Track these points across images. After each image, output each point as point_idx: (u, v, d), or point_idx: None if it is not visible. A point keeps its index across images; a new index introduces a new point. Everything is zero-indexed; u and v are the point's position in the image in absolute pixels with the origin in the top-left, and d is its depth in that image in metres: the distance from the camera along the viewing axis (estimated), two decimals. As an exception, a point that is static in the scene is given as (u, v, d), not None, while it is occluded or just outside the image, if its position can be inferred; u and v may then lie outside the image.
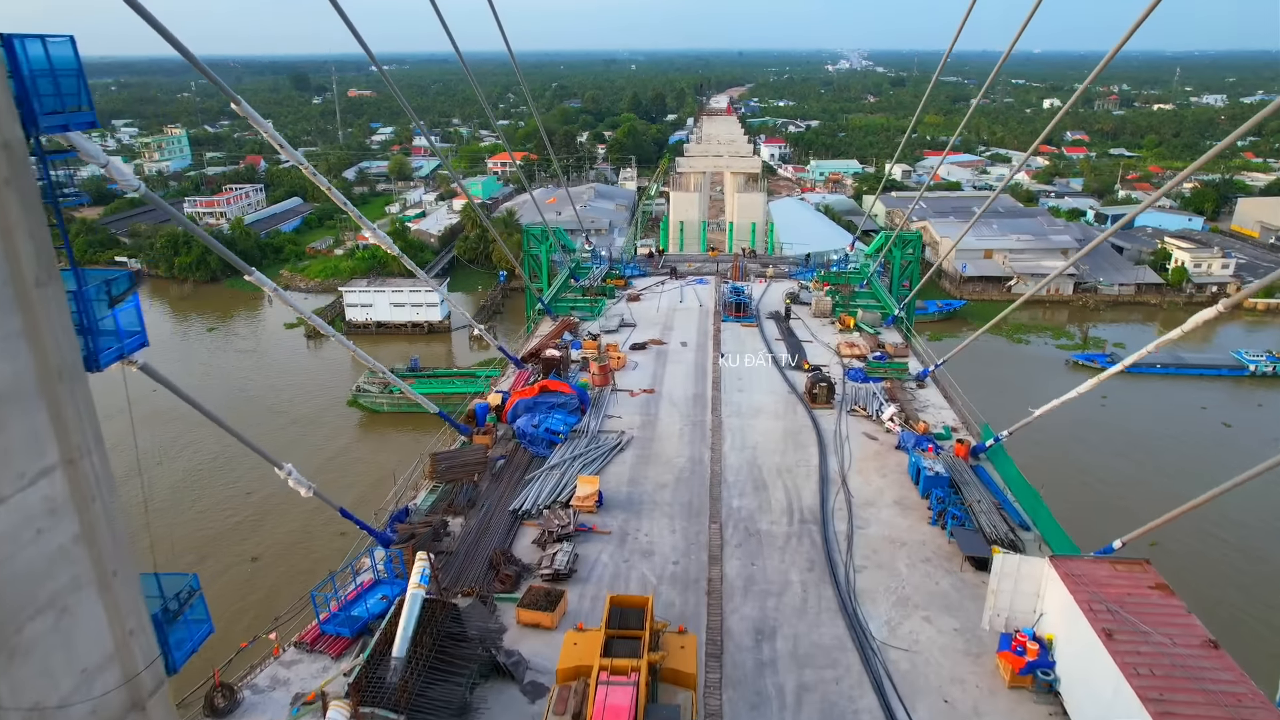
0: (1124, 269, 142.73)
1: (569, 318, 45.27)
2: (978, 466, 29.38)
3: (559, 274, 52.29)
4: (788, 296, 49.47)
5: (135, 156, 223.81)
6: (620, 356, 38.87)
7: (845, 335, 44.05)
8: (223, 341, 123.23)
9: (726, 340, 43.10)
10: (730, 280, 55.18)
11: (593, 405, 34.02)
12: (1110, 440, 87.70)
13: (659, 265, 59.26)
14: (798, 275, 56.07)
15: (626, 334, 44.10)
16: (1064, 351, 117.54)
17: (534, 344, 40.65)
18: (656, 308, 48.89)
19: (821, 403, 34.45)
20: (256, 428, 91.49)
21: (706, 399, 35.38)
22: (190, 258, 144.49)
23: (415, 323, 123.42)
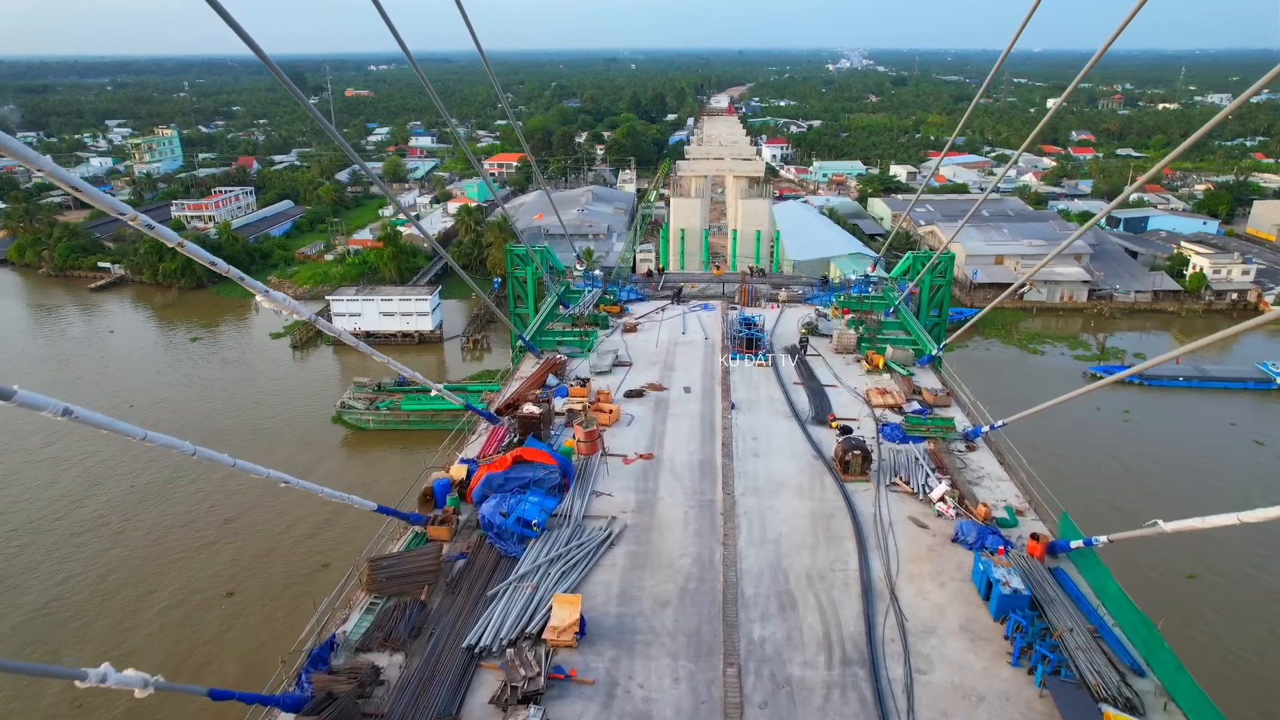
0: (1140, 275, 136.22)
1: (554, 357, 38.71)
2: (1057, 570, 23.00)
3: (546, 299, 45.85)
4: (804, 327, 42.97)
5: (126, 158, 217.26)
6: (612, 409, 32.35)
7: (874, 378, 37.48)
8: (207, 351, 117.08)
9: (737, 383, 36.55)
10: (738, 305, 48.72)
11: (577, 478, 27.56)
12: (1139, 460, 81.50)
13: (659, 286, 52.75)
14: (814, 300, 49.49)
15: (621, 375, 37.60)
16: (1081, 363, 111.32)
17: (512, 392, 34.14)
18: (656, 341, 42.36)
19: (855, 474, 28.02)
20: (232, 444, 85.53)
21: (715, 468, 28.87)
22: (175, 264, 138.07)
23: (405, 332, 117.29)
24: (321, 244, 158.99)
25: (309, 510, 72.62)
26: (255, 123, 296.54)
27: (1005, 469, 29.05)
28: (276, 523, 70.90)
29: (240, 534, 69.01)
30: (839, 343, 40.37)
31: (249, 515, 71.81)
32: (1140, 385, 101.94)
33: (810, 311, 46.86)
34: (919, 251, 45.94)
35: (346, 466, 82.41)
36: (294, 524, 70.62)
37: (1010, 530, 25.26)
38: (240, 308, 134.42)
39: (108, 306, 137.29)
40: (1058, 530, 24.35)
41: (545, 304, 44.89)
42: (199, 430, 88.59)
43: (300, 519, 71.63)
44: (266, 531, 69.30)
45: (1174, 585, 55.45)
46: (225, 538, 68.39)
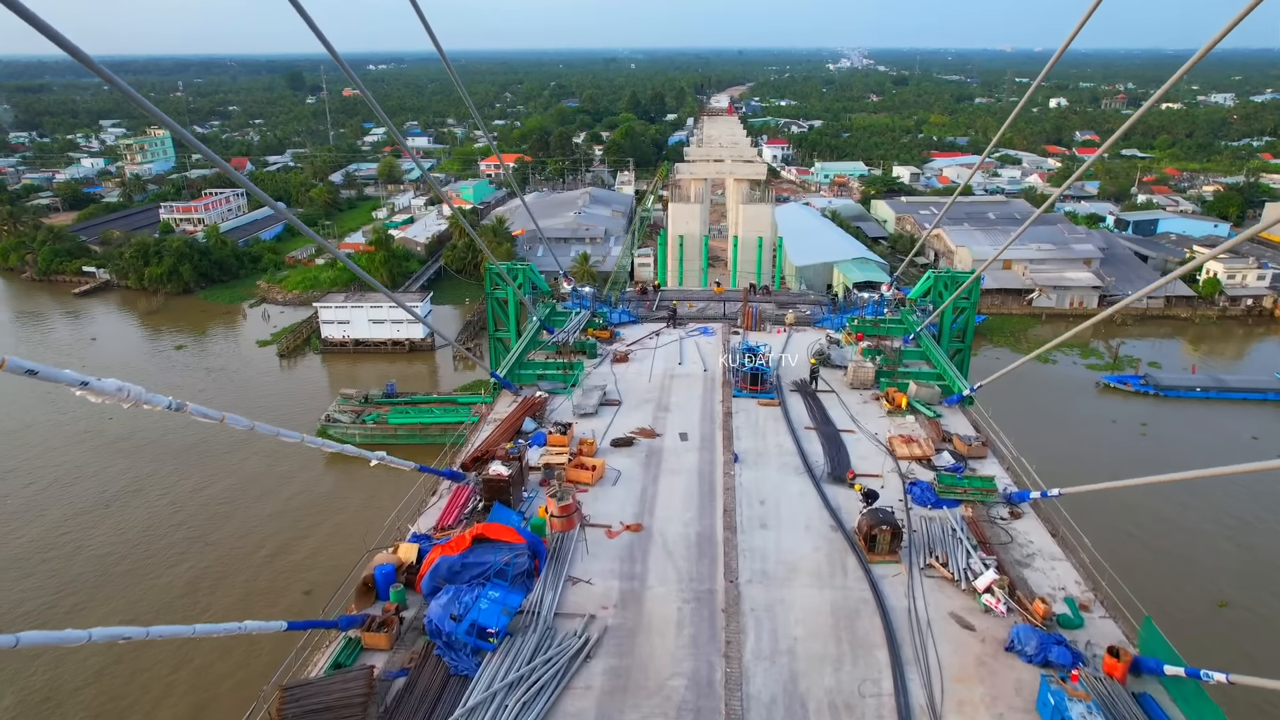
0: (1152, 280, 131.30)
1: (533, 396, 33.83)
2: (1144, 697, 18.18)
3: (527, 324, 40.98)
4: (814, 356, 38.10)
5: (118, 158, 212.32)
6: (596, 465, 27.49)
7: (895, 419, 32.59)
8: (191, 360, 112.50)
9: (740, 428, 31.65)
10: (740, 328, 43.83)
11: (550, 560, 22.74)
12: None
13: (654, 306, 47.85)
14: (824, 323, 44.54)
15: (610, 416, 32.72)
16: (1094, 372, 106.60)
17: (482, 441, 29.29)
18: (649, 373, 37.42)
19: (883, 553, 23.22)
20: (210, 458, 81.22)
21: (716, 543, 23.98)
22: (161, 268, 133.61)
23: (396, 340, 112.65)
24: (313, 248, 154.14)
25: (279, 526, 68.33)
26: (251, 123, 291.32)
27: (1059, 543, 24.20)
28: (246, 541, 66.59)
29: (208, 551, 64.75)
30: (854, 377, 35.46)
31: (218, 532, 67.63)
32: (1155, 396, 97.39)
33: (820, 337, 41.96)
34: (941, 270, 41.18)
35: (322, 482, 77.70)
36: (264, 541, 66.30)
37: (1075, 632, 20.45)
38: (228, 314, 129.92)
39: (92, 312, 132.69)
40: (1139, 640, 19.51)
41: (526, 331, 39.99)
42: (178, 444, 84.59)
43: (271, 535, 67.32)
44: (236, 550, 65.04)
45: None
46: (189, 556, 64.03)
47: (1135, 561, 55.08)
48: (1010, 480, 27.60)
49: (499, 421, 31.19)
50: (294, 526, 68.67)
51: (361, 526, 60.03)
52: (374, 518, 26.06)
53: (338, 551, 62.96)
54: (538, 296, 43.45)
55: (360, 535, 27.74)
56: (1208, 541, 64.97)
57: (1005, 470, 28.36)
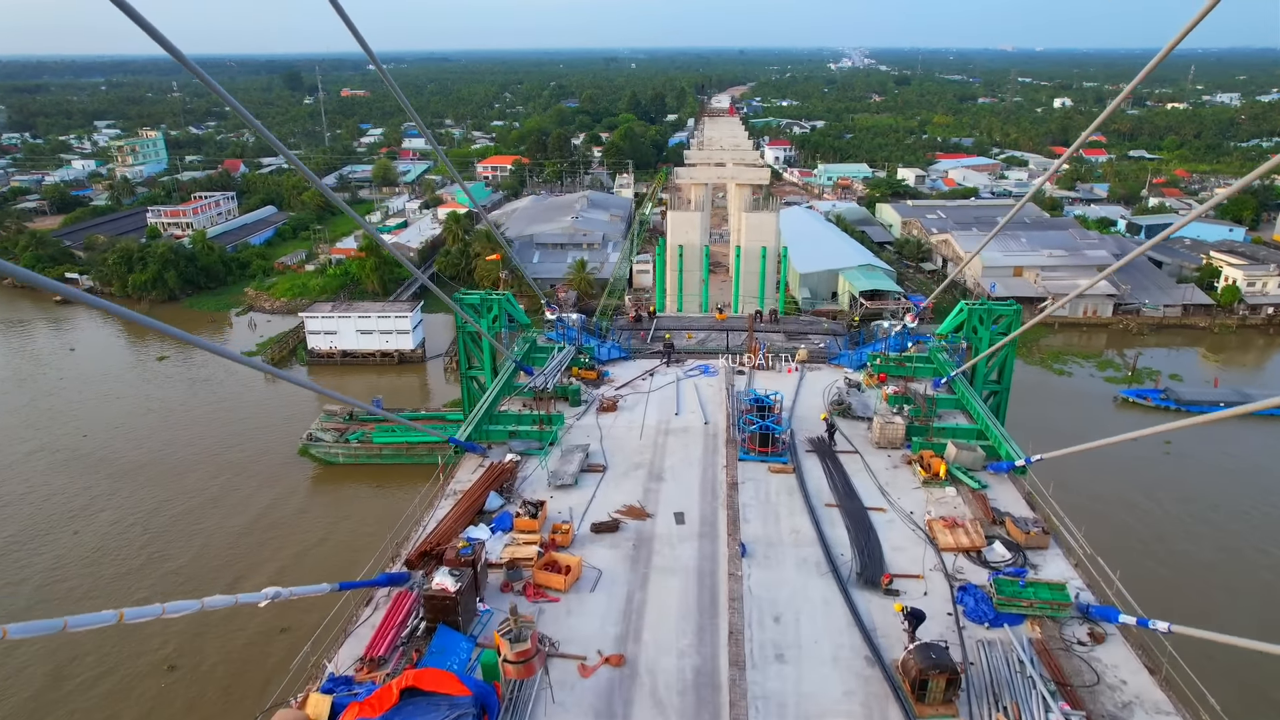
0: (1168, 287, 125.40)
1: (504, 461, 28.16)
2: None
3: (503, 365, 35.28)
4: (831, 405, 32.48)
5: (109, 160, 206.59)
6: (570, 564, 21.88)
7: (933, 491, 26.96)
8: (174, 371, 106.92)
9: (749, 504, 25.98)
10: (746, 365, 38.15)
11: (504, 717, 17.17)
12: (1184, 501, 71.14)
13: (648, 337, 42.15)
14: (840, 360, 38.76)
15: (591, 487, 27.09)
16: (1111, 385, 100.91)
17: (434, 527, 23.66)
18: (641, 425, 31.75)
19: (935, 703, 17.68)
20: (188, 480, 76.08)
21: (720, 685, 18.43)
22: (146, 275, 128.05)
23: (385, 352, 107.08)
24: (303, 253, 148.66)
25: (260, 559, 63.08)
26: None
27: (1162, 686, 18.54)
28: (222, 574, 61.28)
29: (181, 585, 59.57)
30: (880, 434, 29.78)
31: (192, 564, 62.35)
32: (1177, 411, 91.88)
33: (838, 378, 36.27)
34: (975, 302, 35.51)
35: (310, 506, 72.28)
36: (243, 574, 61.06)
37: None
38: (214, 322, 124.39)
39: (74, 321, 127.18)
40: None
41: (499, 374, 34.33)
42: (156, 463, 79.47)
43: (252, 568, 62.11)
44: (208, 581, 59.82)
45: None
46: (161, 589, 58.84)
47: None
48: (1083, 583, 21.94)
49: (459, 496, 25.55)
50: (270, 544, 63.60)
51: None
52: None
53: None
54: (516, 330, 37.78)
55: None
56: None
57: (1074, 566, 22.71)
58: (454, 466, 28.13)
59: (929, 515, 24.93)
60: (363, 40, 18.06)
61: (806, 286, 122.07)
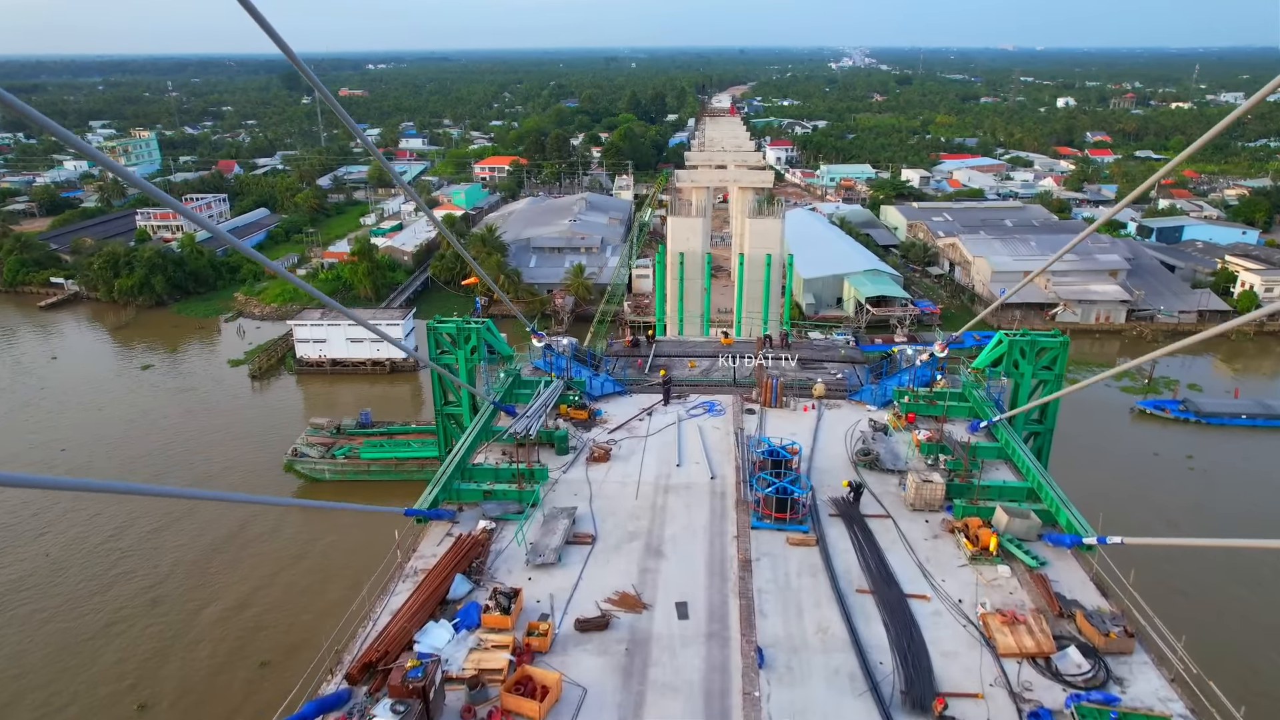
0: (1182, 293, 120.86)
1: (475, 532, 23.65)
2: None
3: (481, 407, 30.69)
4: (856, 455, 27.97)
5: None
6: (548, 683, 17.41)
7: (984, 570, 22.48)
8: (159, 380, 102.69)
9: (765, 590, 21.48)
10: (756, 403, 33.64)
11: None
12: (1214, 519, 66.76)
13: (646, 365, 37.62)
14: (863, 396, 34.15)
15: (578, 564, 22.62)
16: (1127, 396, 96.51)
17: (391, 623, 19.10)
18: (637, 481, 27.21)
19: None
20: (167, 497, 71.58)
21: None
22: (132, 280, 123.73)
23: (376, 361, 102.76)
24: (295, 256, 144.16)
25: (231, 580, 58.94)
26: (244, 124, 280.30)
27: None
28: (194, 595, 57.21)
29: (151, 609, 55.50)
30: (916, 496, 25.29)
31: (163, 584, 58.24)
32: (1197, 424, 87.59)
33: (860, 419, 31.75)
34: (1015, 333, 30.96)
35: (289, 524, 67.96)
36: (213, 598, 57.02)
37: None
38: (201, 329, 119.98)
39: (60, 326, 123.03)
40: None
41: (477, 417, 29.83)
42: (132, 478, 76.38)
43: (224, 589, 58.04)
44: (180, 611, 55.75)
45: None
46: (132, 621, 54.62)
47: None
48: (1186, 709, 17.44)
49: (420, 578, 21.06)
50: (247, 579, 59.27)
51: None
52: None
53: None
54: (497, 362, 33.26)
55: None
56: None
57: (1170, 681, 18.21)
58: (417, 537, 23.65)
59: (982, 608, 20.45)
60: (279, 39, 14.16)
61: (811, 292, 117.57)
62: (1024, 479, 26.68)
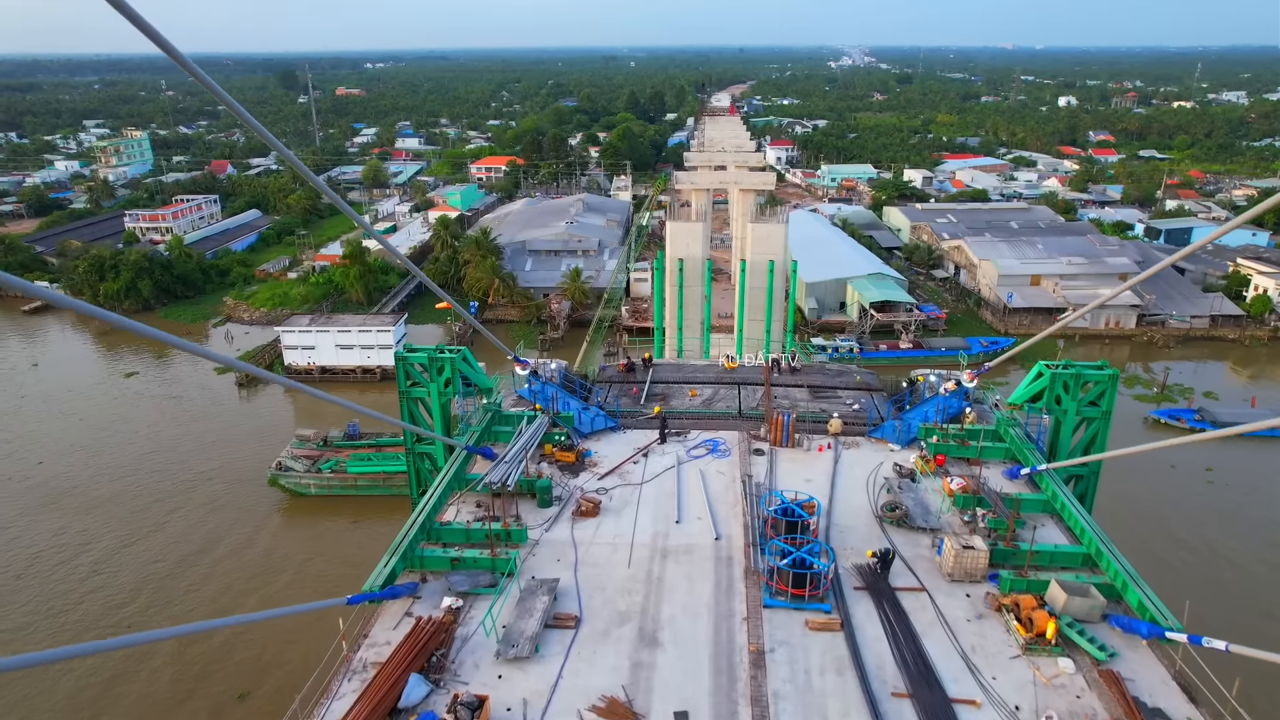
0: (1194, 297, 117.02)
1: (438, 615, 19.78)
2: None
3: (454, 457, 26.69)
4: (882, 511, 24.14)
5: (92, 161, 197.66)
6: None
7: (1040, 664, 18.67)
8: (143, 388, 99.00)
9: (783, 693, 17.59)
10: (765, 439, 29.80)
11: None
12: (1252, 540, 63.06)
13: (642, 395, 33.77)
14: (884, 433, 30.15)
15: (557, 657, 18.77)
16: (1140, 404, 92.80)
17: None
18: (630, 544, 23.36)
19: None
20: (146, 512, 68.36)
21: None
22: (118, 284, 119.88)
23: (366, 368, 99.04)
24: (286, 259, 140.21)
25: (204, 605, 55.39)
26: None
27: None
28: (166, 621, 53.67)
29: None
30: (955, 565, 21.47)
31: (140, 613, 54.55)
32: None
33: (882, 459, 27.92)
34: (1056, 365, 27.13)
35: (270, 544, 64.48)
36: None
37: None
38: (189, 334, 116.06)
39: (44, 331, 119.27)
40: None
41: (449, 463, 25.99)
42: (111, 492, 71.53)
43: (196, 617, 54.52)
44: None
45: None
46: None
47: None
48: None
49: (370, 674, 17.25)
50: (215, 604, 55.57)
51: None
52: None
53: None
54: (474, 395, 29.38)
55: None
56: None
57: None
58: (369, 619, 19.85)
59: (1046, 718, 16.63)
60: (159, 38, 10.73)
61: (813, 296, 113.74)
62: (1079, 541, 22.81)
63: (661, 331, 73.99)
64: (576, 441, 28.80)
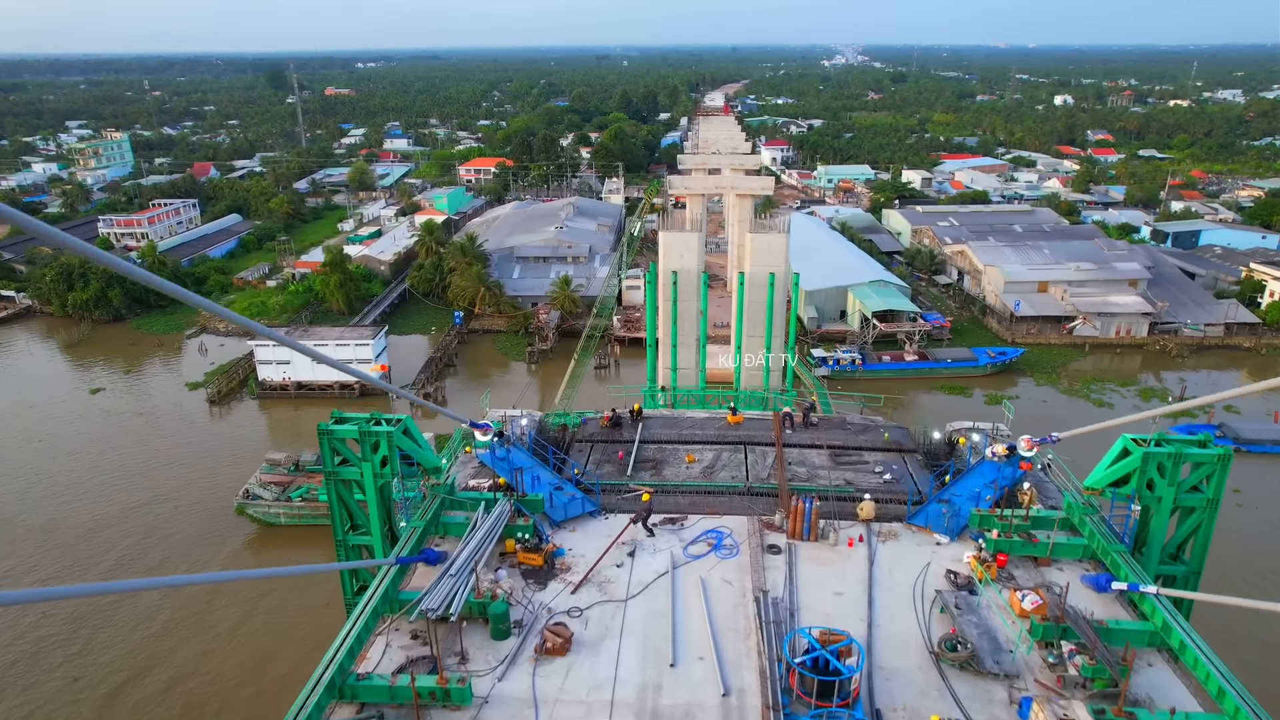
0: (1207, 304, 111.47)
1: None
2: None
3: (382, 575, 20.42)
4: (941, 648, 18.11)
5: (70, 164, 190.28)
6: None
7: None
8: (109, 404, 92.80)
9: None
10: (783, 530, 23.66)
11: None
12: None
13: (630, 461, 27.57)
14: (927, 520, 23.77)
15: None
16: (1160, 421, 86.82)
17: None
18: (609, 701, 17.17)
19: None
20: (102, 544, 62.50)
21: None
22: (87, 294, 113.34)
23: (344, 384, 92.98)
24: (266, 266, 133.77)
25: (156, 655, 49.56)
26: (225, 124, 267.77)
27: None
28: (108, 677, 47.78)
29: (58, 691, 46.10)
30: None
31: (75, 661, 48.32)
32: (1237, 452, 78.04)
33: (928, 558, 21.93)
34: (1147, 438, 21.16)
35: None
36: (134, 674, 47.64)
37: None
38: (161, 346, 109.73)
39: (11, 342, 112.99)
40: None
41: (376, 580, 19.90)
42: (62, 521, 65.67)
43: (144, 668, 48.74)
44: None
45: None
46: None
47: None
48: None
49: None
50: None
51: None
52: None
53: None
54: (416, 475, 23.20)
55: None
56: None
57: None
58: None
59: None
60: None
61: (812, 305, 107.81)
62: (1211, 692, 16.80)
63: (654, 348, 67.63)
64: (546, 536, 22.64)
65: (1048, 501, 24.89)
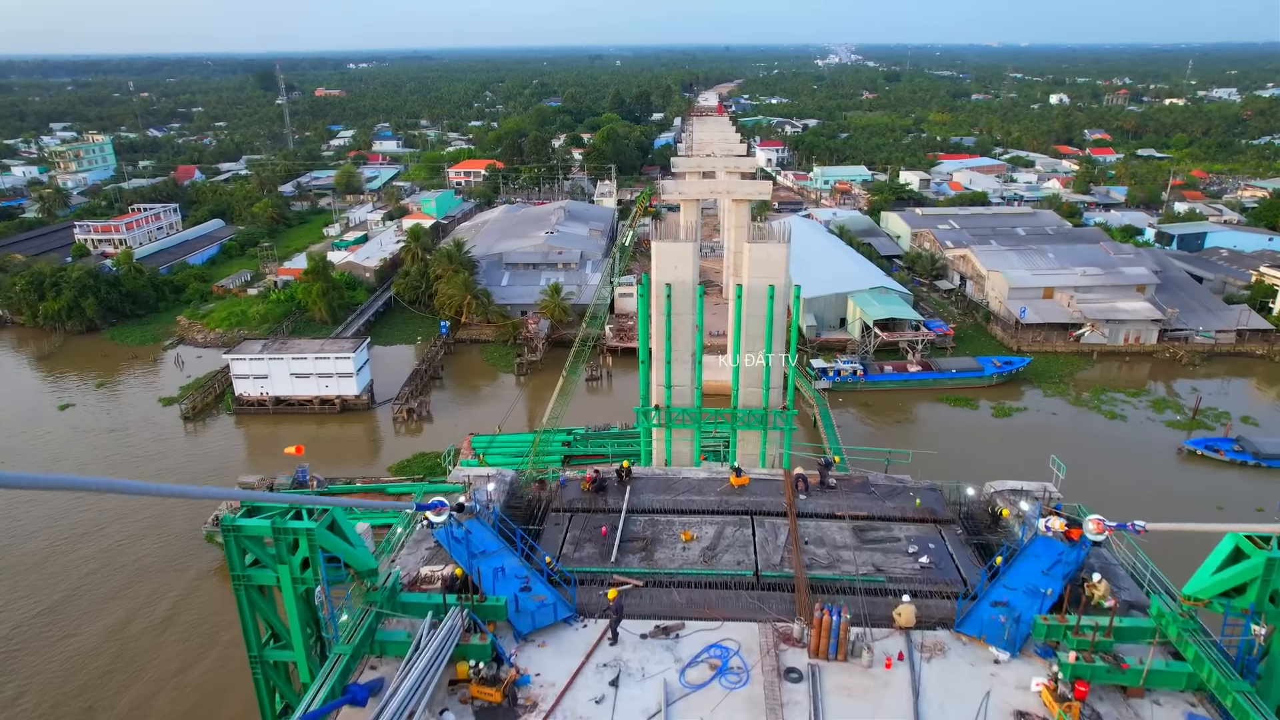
0: (1217, 309, 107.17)
1: None
2: None
3: (312, 683, 15.92)
4: None
5: (51, 167, 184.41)
6: None
7: None
8: (79, 420, 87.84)
9: None
10: (804, 646, 18.72)
11: None
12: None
13: (615, 541, 22.56)
14: (981, 629, 18.77)
15: None
16: (1172, 431, 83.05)
17: None
18: None
19: None
20: (60, 575, 57.96)
21: None
22: (59, 304, 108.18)
23: (324, 398, 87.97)
24: (248, 273, 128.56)
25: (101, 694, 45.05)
26: (213, 126, 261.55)
27: None
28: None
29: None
30: None
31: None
32: (1256, 466, 74.46)
33: (986, 684, 17.22)
34: (1269, 544, 16.53)
35: (186, 614, 53.97)
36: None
37: None
38: (135, 358, 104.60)
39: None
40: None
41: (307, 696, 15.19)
42: (12, 549, 61.44)
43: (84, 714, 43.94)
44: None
45: None
46: None
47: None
48: None
49: None
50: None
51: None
52: None
53: None
54: (346, 582, 18.38)
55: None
56: None
57: None
58: None
59: None
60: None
61: (811, 312, 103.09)
62: None
63: (647, 364, 62.68)
64: (508, 659, 17.78)
65: (1120, 594, 20.21)
